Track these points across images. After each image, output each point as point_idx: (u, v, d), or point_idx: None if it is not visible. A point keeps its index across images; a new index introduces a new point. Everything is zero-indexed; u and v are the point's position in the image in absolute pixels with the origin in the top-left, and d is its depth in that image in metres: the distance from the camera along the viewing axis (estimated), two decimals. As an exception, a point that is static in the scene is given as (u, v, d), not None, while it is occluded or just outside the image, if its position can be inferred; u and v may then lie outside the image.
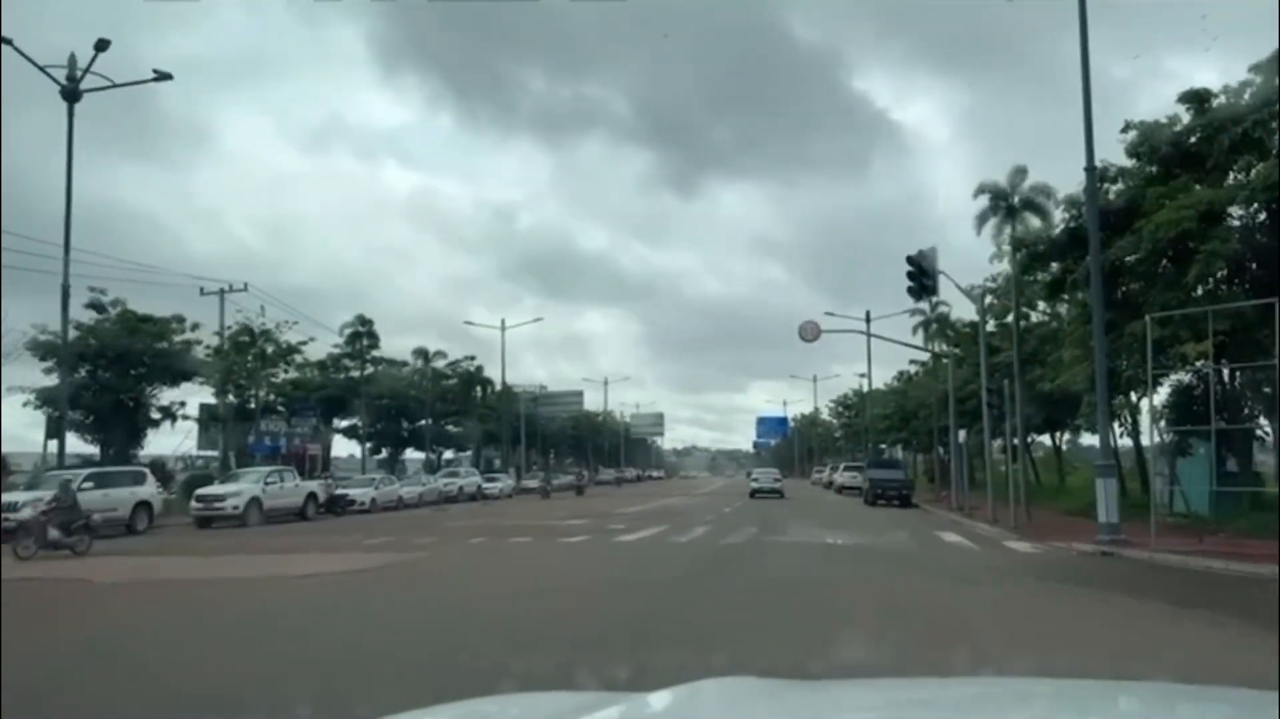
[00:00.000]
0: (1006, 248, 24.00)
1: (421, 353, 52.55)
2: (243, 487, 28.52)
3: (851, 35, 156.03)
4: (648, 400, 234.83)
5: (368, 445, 55.82)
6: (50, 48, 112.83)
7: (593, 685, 5.24)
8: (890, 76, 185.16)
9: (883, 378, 72.50)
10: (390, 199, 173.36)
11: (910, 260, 25.76)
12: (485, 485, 51.83)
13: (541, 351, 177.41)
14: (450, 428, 64.06)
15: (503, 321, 62.29)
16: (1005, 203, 24.68)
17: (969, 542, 19.77)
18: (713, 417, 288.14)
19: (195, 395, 39.89)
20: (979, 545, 18.85)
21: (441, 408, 61.11)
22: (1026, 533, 20.89)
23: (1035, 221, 23.75)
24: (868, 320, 60.06)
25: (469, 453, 72.58)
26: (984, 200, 25.20)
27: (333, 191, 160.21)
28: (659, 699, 1.86)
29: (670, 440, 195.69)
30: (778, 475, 51.49)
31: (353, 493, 36.01)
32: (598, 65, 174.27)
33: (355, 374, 47.72)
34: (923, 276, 25.74)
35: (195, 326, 35.06)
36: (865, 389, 67.93)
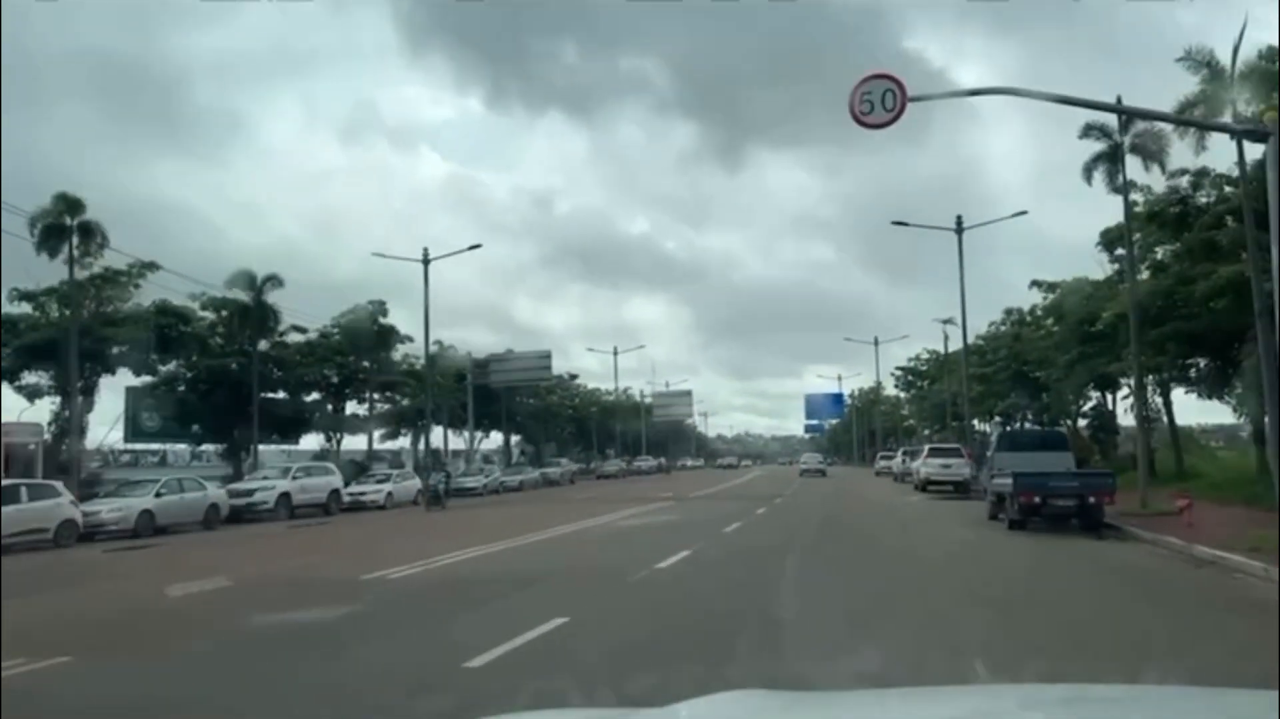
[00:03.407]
0: None
1: (242, 278, 32.61)
2: None
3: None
4: (703, 388, 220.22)
5: (201, 431, 36.99)
6: (85, 42, 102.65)
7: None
8: (944, 35, 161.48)
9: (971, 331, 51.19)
10: (425, 187, 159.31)
11: None
12: (359, 491, 32.63)
13: (590, 338, 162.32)
14: (359, 405, 45.11)
15: (425, 251, 43.05)
16: None
17: None
18: (766, 403, 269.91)
19: None
20: None
21: (338, 373, 42.19)
22: None
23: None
24: (959, 228, 40.20)
25: (412, 439, 54.13)
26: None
27: (367, 180, 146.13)
28: (675, 713, 1.94)
29: (722, 426, 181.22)
30: (821, 459, 65.65)
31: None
32: (632, 34, 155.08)
33: (109, 309, 28.65)
34: None
35: None
36: (955, 338, 46.98)
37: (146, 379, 34.52)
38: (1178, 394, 29.56)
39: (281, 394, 39.82)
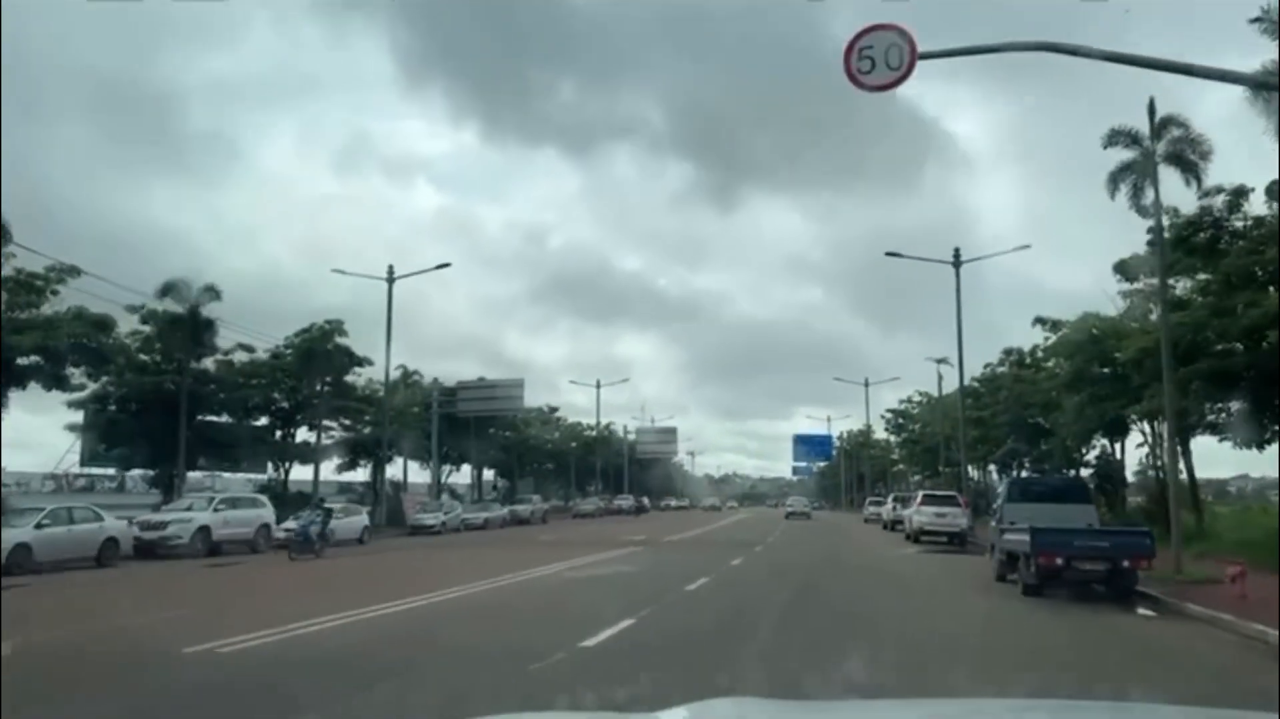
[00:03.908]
0: None
1: (175, 289, 29.15)
2: None
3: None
4: (692, 427, 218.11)
5: (131, 454, 33.85)
6: (83, 62, 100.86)
7: None
8: (938, 85, 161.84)
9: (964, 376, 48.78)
10: (418, 218, 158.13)
11: None
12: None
13: (580, 374, 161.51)
14: (311, 432, 41.95)
15: (390, 269, 40.51)
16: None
17: None
18: (755, 443, 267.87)
19: None
20: None
21: (288, 397, 39.20)
22: None
23: None
24: (957, 261, 37.80)
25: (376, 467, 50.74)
26: None
27: (360, 209, 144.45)
28: (666, 718, 1.94)
29: (710, 466, 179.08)
30: (806, 503, 66.68)
31: None
32: (629, 73, 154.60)
33: (22, 315, 25.59)
34: None
35: None
36: (949, 379, 44.36)
37: (58, 394, 31.13)
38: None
39: (224, 417, 36.79)
